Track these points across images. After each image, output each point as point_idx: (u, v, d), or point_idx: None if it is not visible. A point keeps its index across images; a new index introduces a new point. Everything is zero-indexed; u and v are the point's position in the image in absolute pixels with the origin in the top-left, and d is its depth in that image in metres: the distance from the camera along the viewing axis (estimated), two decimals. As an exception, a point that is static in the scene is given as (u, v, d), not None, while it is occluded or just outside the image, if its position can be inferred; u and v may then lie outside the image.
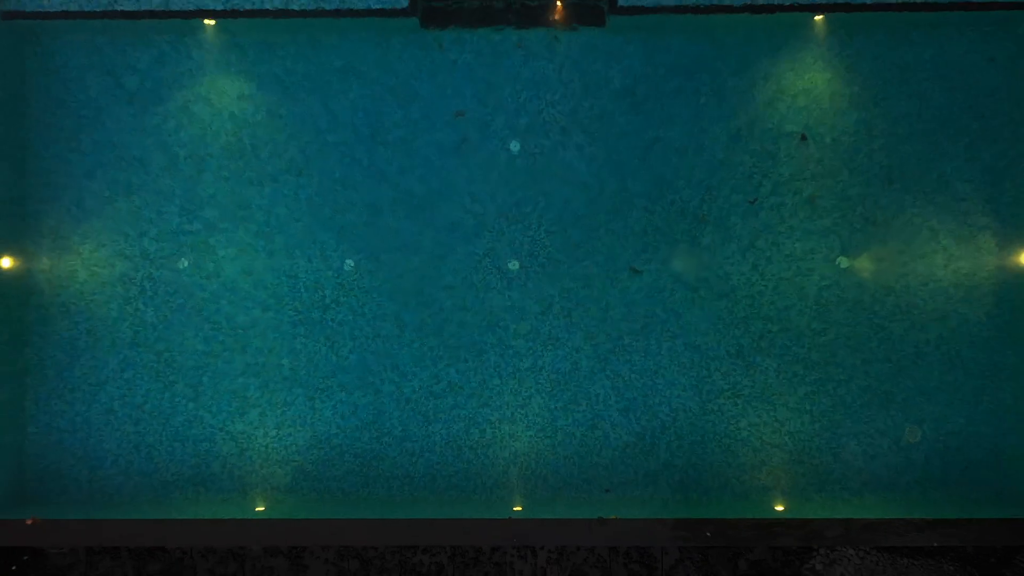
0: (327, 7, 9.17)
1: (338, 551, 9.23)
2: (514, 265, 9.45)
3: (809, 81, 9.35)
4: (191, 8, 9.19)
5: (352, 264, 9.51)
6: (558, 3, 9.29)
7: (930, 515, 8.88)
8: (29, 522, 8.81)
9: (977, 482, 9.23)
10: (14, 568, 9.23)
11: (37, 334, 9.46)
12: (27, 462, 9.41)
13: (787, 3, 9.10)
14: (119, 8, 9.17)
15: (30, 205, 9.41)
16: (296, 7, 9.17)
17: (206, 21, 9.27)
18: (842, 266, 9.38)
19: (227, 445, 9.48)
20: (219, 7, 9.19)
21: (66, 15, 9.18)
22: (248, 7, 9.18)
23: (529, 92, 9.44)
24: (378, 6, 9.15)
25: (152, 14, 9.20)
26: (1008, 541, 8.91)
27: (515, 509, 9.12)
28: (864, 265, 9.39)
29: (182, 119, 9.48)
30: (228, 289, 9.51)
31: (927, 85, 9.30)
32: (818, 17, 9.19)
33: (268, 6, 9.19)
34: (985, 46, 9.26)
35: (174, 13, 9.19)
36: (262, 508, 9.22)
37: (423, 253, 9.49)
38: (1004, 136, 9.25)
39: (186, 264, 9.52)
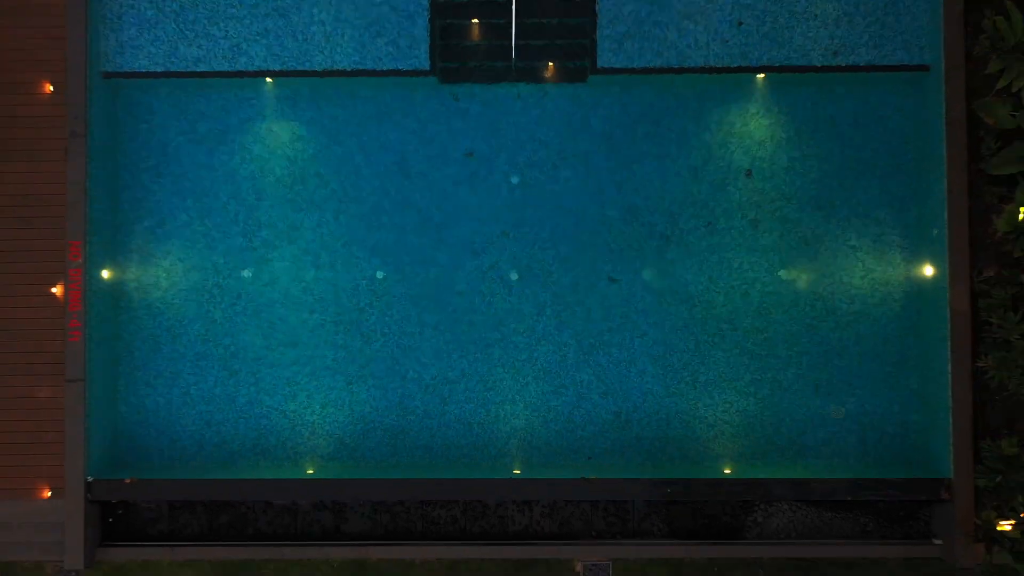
0: (363, 67, 11.40)
1: (372, 506, 11.45)
2: (514, 276, 11.64)
3: (753, 127, 11.54)
4: (253, 68, 11.41)
5: (382, 275, 11.70)
6: (550, 64, 11.48)
7: (850, 476, 11.08)
8: (128, 481, 11.02)
9: (888, 450, 11.40)
10: (111, 520, 11.46)
11: (127, 331, 11.65)
12: (120, 435, 11.60)
13: (734, 65, 11.31)
14: (195, 69, 11.40)
15: (122, 227, 11.60)
16: (338, 67, 11.39)
17: (266, 79, 11.47)
18: (780, 277, 11.56)
19: (281, 421, 11.67)
20: (276, 67, 11.42)
21: (153, 75, 11.42)
22: (299, 68, 11.40)
23: (526, 135, 11.63)
24: (405, 67, 11.38)
25: (221, 73, 11.43)
26: (912, 497, 11.10)
27: (515, 472, 11.31)
28: (798, 276, 11.57)
29: (244, 156, 11.68)
30: (282, 295, 11.70)
31: (848, 130, 11.48)
32: (759, 76, 11.38)
33: (315, 67, 11.41)
34: (895, 99, 11.45)
35: (239, 72, 11.42)
36: (311, 471, 11.40)
37: (440, 266, 11.67)
38: (910, 171, 11.43)
39: (248, 274, 11.72)
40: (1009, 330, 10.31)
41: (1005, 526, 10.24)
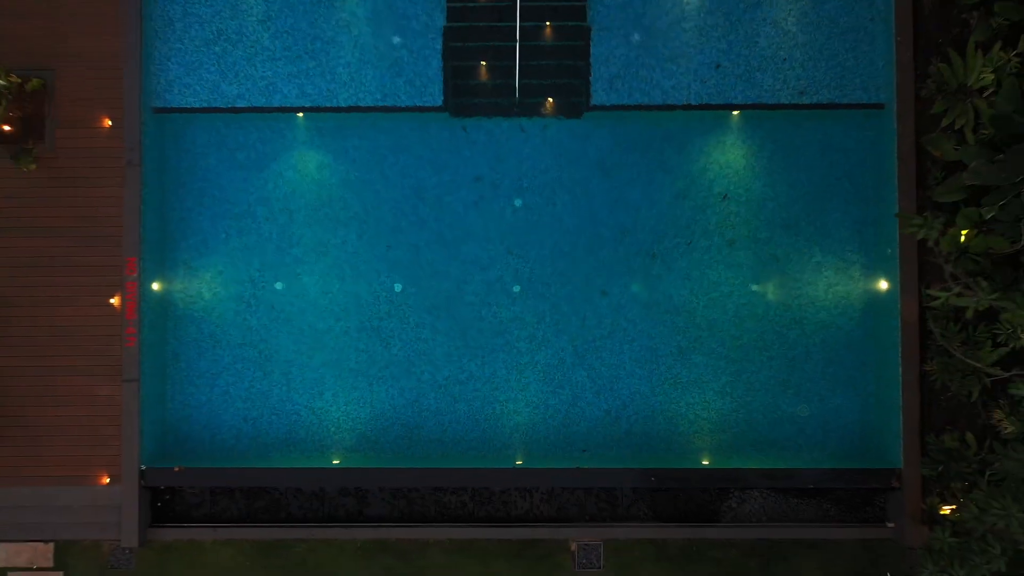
0: (384, 104, 12.87)
1: (391, 492, 12.91)
2: (516, 288, 13.10)
3: (729, 157, 12.99)
4: (286, 105, 12.88)
5: (400, 287, 13.17)
6: (549, 101, 12.93)
7: (813, 467, 12.53)
8: (176, 470, 12.51)
9: (847, 444, 12.84)
10: (159, 504, 12.94)
11: (173, 337, 13.13)
12: (168, 429, 13.07)
13: (713, 103, 12.77)
14: (235, 105, 12.87)
15: (170, 245, 13.07)
16: (362, 104, 12.86)
17: (297, 114, 12.94)
18: (753, 289, 13.02)
19: (310, 417, 13.13)
20: (306, 104, 12.89)
21: (197, 110, 12.89)
22: (327, 104, 12.87)
23: (528, 164, 13.07)
24: (421, 104, 12.85)
25: (258, 109, 12.90)
26: (868, 485, 12.55)
27: (517, 463, 12.76)
28: (769, 289, 13.02)
29: (278, 182, 13.14)
30: (311, 304, 13.16)
31: (813, 160, 12.93)
32: (735, 112, 12.84)
33: (341, 103, 12.88)
34: (854, 133, 12.88)
35: (274, 108, 12.89)
36: (337, 461, 12.85)
37: (451, 279, 13.13)
38: (869, 197, 12.87)
39: (280, 286, 13.19)
40: (950, 339, 11.75)
41: (946, 510, 11.68)
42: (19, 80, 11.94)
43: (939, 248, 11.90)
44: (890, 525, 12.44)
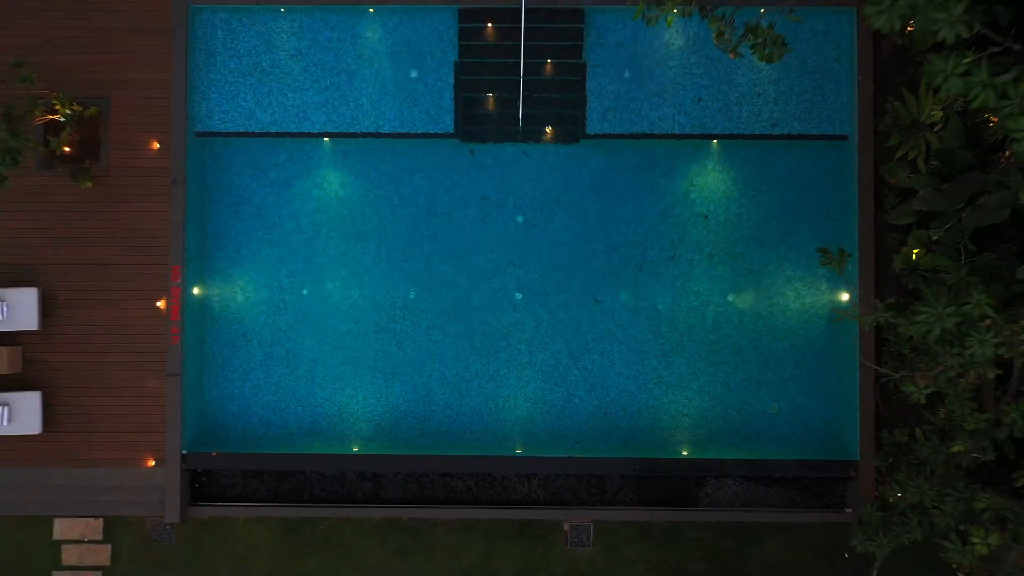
0: (401, 131, 14.40)
1: (404, 476, 14.44)
2: (518, 296, 14.62)
3: (709, 181, 14.51)
4: (314, 131, 14.42)
5: (413, 294, 14.69)
6: (549, 129, 14.45)
7: (781, 458, 14.05)
8: (214, 454, 14.05)
9: (811, 439, 14.36)
10: (197, 485, 14.48)
11: (211, 336, 14.66)
12: (205, 418, 14.62)
13: (695, 133, 14.30)
14: (268, 130, 14.41)
15: (208, 254, 14.61)
16: (382, 130, 14.39)
17: (324, 138, 14.48)
18: (729, 300, 14.54)
19: (331, 409, 14.66)
20: (332, 130, 14.42)
21: (234, 134, 14.42)
22: (350, 130, 14.40)
23: (530, 184, 14.59)
24: (434, 131, 14.38)
25: (288, 134, 14.44)
26: (829, 475, 14.06)
27: (517, 451, 14.29)
28: (744, 299, 14.55)
29: (305, 199, 14.67)
30: (333, 309, 14.69)
31: (784, 184, 14.45)
32: (714, 141, 14.36)
33: (363, 130, 14.41)
34: (821, 161, 14.40)
35: (303, 133, 14.42)
36: (356, 449, 14.38)
37: (459, 287, 14.66)
38: (832, 218, 14.38)
39: (306, 292, 14.72)
40: (901, 345, 13.26)
41: (896, 497, 13.18)
42: (80, 108, 13.48)
43: (894, 265, 13.43)
44: (848, 511, 13.95)
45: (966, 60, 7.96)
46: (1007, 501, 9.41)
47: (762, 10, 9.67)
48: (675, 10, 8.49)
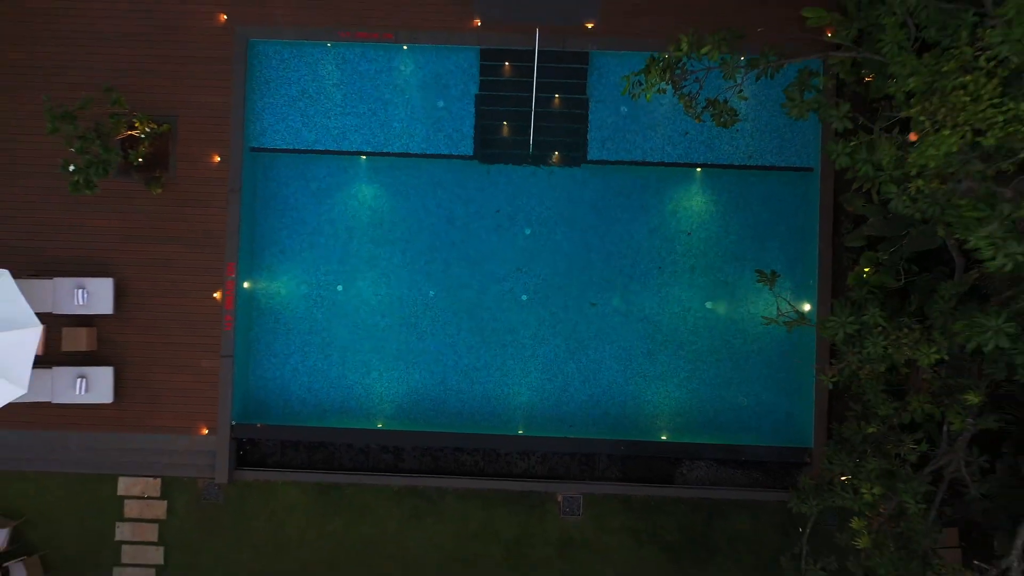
0: (428, 152, 16.64)
1: (420, 450, 16.69)
2: (524, 297, 16.86)
3: (693, 203, 16.74)
4: (352, 149, 16.67)
5: (433, 293, 16.94)
6: (555, 154, 16.68)
7: (748, 444, 16.26)
8: (258, 426, 16.32)
9: (774, 429, 16.57)
10: (242, 452, 16.74)
11: (257, 325, 16.94)
12: (250, 395, 16.89)
13: (681, 161, 16.51)
14: (312, 148, 16.67)
15: (257, 253, 16.88)
16: (411, 151, 16.63)
17: (361, 156, 16.75)
18: (708, 306, 16.77)
19: (360, 390, 16.92)
20: (368, 149, 16.66)
21: (283, 151, 16.67)
22: (383, 150, 16.65)
23: (537, 201, 16.84)
24: (456, 152, 16.62)
25: (330, 152, 16.69)
26: (788, 460, 16.26)
27: (519, 432, 16.53)
28: (720, 306, 16.77)
29: (342, 207, 16.94)
30: (364, 303, 16.95)
31: (758, 208, 16.67)
32: (698, 169, 16.59)
33: (395, 150, 16.65)
34: (790, 188, 16.61)
35: (342, 151, 16.67)
36: (380, 425, 16.63)
37: (474, 288, 16.90)
38: (798, 239, 16.59)
39: (340, 288, 16.98)
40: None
41: (842, 479, 15.37)
42: (155, 126, 15.77)
43: (847, 282, 15.63)
44: (814, 501, 16.11)
45: (852, 143, 10.33)
46: (889, 463, 11.77)
47: (727, 89, 11.88)
48: (654, 89, 10.69)
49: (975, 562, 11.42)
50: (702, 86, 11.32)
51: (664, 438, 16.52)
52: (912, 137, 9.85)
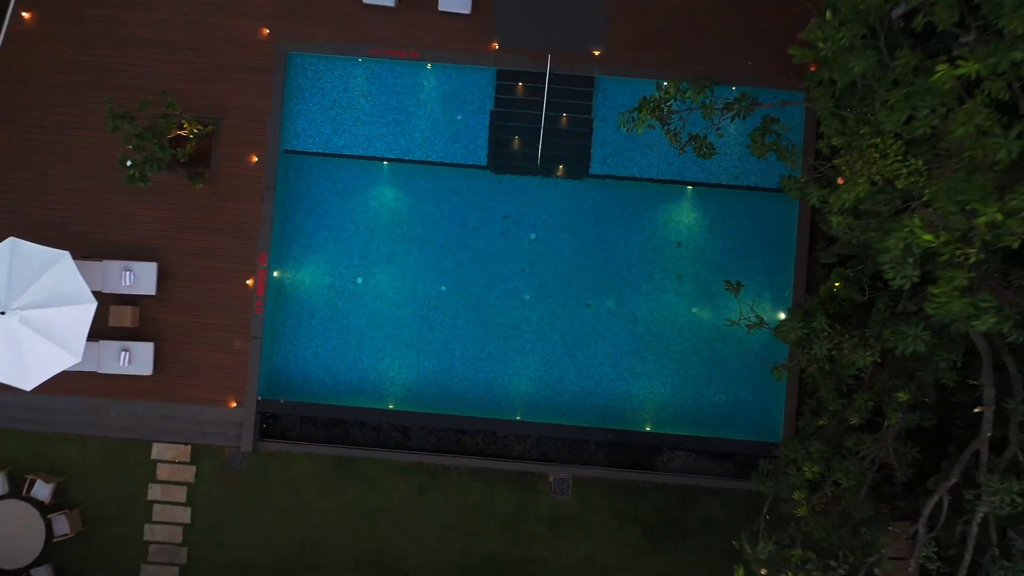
0: (445, 160, 18.35)
1: (427, 430, 18.40)
2: (527, 296, 18.57)
3: (683, 217, 18.46)
4: (376, 155, 18.39)
5: (444, 288, 18.65)
6: (560, 167, 18.38)
7: (723, 437, 17.96)
8: (282, 402, 18.05)
9: (747, 424, 18.28)
10: (264, 425, 18.48)
11: (283, 311, 18.66)
12: (274, 374, 18.62)
13: (675, 179, 18.21)
14: (341, 152, 18.40)
15: (286, 245, 18.61)
16: (430, 159, 18.35)
17: (384, 162, 18.48)
18: (693, 311, 18.47)
19: (373, 374, 18.64)
20: (391, 156, 18.37)
21: (314, 154, 18.39)
22: (405, 157, 18.36)
23: (542, 209, 18.55)
24: (471, 162, 18.33)
25: (356, 156, 18.41)
26: (759, 453, 17.93)
27: (516, 418, 18.24)
28: (704, 312, 18.47)
29: (365, 207, 18.66)
30: (381, 295, 18.67)
31: (742, 224, 18.37)
32: (689, 187, 18.31)
33: (415, 158, 18.35)
34: (771, 207, 18.29)
35: (368, 157, 18.39)
36: (391, 406, 18.35)
37: (481, 286, 18.61)
38: (777, 253, 18.28)
39: (360, 281, 18.70)
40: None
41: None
42: (201, 127, 17.51)
43: (819, 294, 17.32)
44: (771, 482, 17.83)
45: (802, 180, 12.10)
46: (826, 447, 13.61)
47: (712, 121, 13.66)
48: (645, 125, 12.46)
49: (889, 527, 13.10)
50: (685, 123, 13.02)
51: (648, 429, 18.22)
52: (840, 180, 11.56)
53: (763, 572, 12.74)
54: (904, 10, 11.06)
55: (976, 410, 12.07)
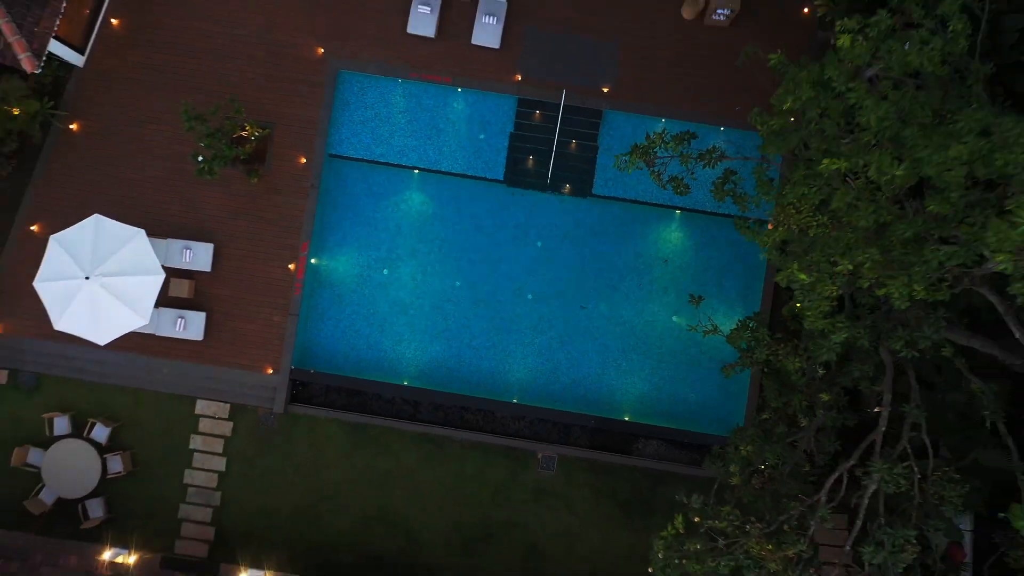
0: (467, 173, 21.08)
1: (435, 406, 21.11)
2: (530, 296, 21.28)
3: (671, 236, 21.14)
4: (408, 164, 21.13)
5: (459, 284, 21.37)
6: (567, 186, 21.10)
7: (693, 430, 20.65)
8: (312, 372, 20.81)
9: (715, 419, 20.95)
10: (295, 391, 21.23)
11: (317, 293, 21.39)
12: (306, 348, 21.35)
13: (666, 204, 20.91)
14: (378, 159, 21.14)
15: (324, 237, 21.35)
16: (455, 171, 21.08)
17: (414, 170, 21.21)
18: (674, 320, 21.17)
19: (392, 354, 21.37)
20: (421, 165, 21.11)
21: (353, 159, 21.15)
22: (433, 168, 21.10)
23: (548, 221, 21.26)
24: (490, 176, 21.05)
25: (391, 164, 21.16)
26: (719, 444, 20.60)
27: (514, 400, 20.96)
28: (683, 321, 21.15)
29: (394, 209, 21.39)
30: (402, 286, 21.39)
31: (722, 247, 21.04)
32: (678, 211, 21.00)
33: (442, 169, 21.08)
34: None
35: (401, 165, 21.14)
36: (405, 383, 21.07)
37: (491, 284, 21.32)
38: (752, 273, 20.96)
39: (385, 272, 21.44)
40: (785, 361, 19.78)
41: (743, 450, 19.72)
42: (260, 129, 20.28)
43: (783, 311, 20.03)
44: (720, 463, 20.53)
45: (750, 220, 14.86)
46: (760, 434, 16.39)
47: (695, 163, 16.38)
48: (634, 166, 15.23)
49: (799, 496, 15.75)
50: (667, 167, 15.77)
51: (627, 418, 20.92)
52: (770, 226, 14.32)
53: (696, 519, 15.47)
54: None
55: (874, 410, 14.79)
